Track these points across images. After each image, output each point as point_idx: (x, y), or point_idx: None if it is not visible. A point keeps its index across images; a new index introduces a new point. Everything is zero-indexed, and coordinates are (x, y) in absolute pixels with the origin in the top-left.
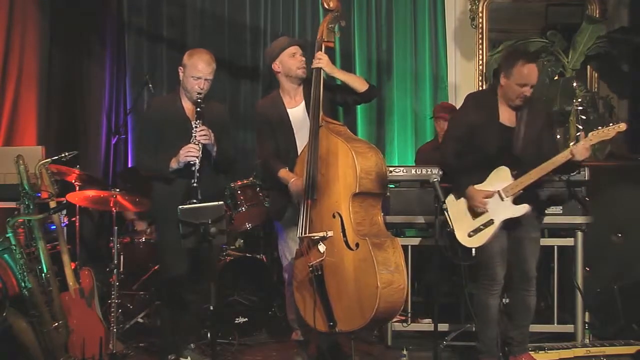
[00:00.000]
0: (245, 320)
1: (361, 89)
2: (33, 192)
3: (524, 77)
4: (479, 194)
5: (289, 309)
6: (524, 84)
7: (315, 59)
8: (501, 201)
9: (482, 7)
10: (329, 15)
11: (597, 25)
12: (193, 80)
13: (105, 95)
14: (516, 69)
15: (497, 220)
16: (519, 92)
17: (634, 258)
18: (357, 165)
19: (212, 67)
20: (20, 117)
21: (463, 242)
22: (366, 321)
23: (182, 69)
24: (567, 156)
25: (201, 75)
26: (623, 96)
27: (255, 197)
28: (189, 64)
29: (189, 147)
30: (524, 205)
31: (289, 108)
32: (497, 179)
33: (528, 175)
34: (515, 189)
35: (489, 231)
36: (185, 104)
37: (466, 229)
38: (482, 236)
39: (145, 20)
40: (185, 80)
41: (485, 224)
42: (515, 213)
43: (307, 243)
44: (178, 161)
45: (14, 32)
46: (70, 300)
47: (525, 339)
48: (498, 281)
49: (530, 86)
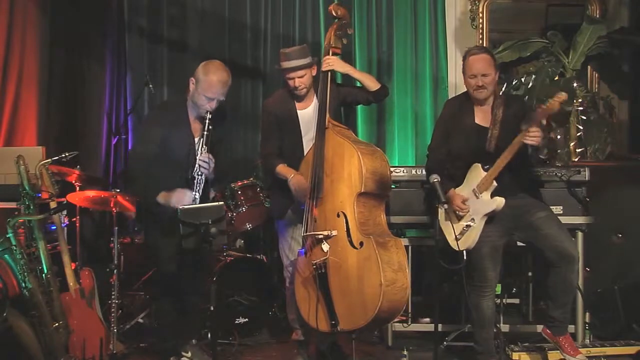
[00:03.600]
0: (245, 321)
1: (374, 87)
2: (33, 193)
3: (471, 69)
4: (456, 197)
5: (290, 309)
6: (473, 74)
7: (324, 62)
8: (477, 199)
9: (483, 8)
10: (337, 23)
11: (597, 25)
12: (205, 99)
13: (105, 96)
14: (465, 64)
15: (477, 218)
16: (472, 84)
17: (634, 258)
18: (362, 165)
19: (227, 86)
20: (21, 117)
21: (453, 246)
22: (368, 320)
23: (194, 82)
24: (520, 140)
25: (215, 97)
26: (623, 96)
27: (255, 197)
28: (203, 80)
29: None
30: (496, 199)
31: (299, 109)
32: (471, 177)
33: (494, 166)
34: (486, 183)
35: (473, 232)
36: (191, 117)
37: (453, 233)
38: (468, 238)
39: (146, 20)
40: (197, 96)
41: (467, 225)
42: (490, 207)
43: (310, 241)
44: (166, 201)
45: (14, 32)
46: (71, 301)
47: (567, 318)
48: (489, 283)
49: (480, 76)
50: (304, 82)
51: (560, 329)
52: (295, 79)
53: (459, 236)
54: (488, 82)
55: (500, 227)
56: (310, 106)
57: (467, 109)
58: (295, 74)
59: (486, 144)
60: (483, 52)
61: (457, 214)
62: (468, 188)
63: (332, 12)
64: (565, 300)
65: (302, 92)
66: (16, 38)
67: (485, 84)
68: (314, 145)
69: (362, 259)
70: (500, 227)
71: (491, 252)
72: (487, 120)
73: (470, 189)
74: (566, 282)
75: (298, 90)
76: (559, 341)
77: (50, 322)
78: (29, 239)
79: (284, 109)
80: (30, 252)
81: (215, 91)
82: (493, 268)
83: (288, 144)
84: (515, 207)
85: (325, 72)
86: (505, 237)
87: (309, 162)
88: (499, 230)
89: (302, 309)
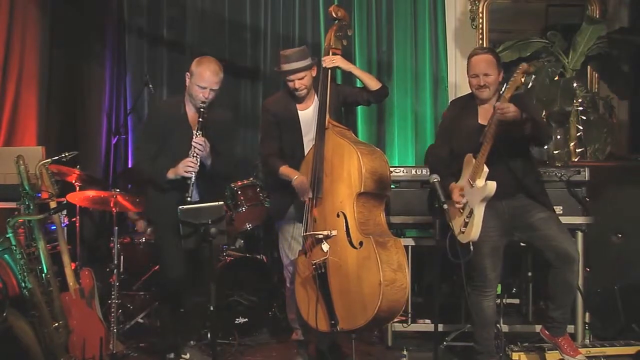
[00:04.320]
0: (245, 321)
1: (374, 86)
2: (33, 193)
3: (473, 68)
4: (455, 190)
5: (289, 309)
6: (475, 74)
7: (327, 60)
8: (471, 188)
9: (483, 8)
10: (337, 24)
11: (597, 25)
12: (198, 89)
13: (105, 96)
14: (468, 63)
15: (475, 207)
16: (474, 84)
17: (634, 258)
18: (362, 165)
19: (219, 77)
20: (21, 117)
21: (460, 240)
22: (368, 320)
23: (189, 75)
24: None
25: (207, 85)
26: (623, 96)
27: (255, 197)
28: (196, 71)
29: (187, 161)
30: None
31: (300, 109)
32: (466, 169)
33: (481, 150)
34: (477, 169)
35: (474, 221)
36: (189, 110)
37: (458, 226)
38: (471, 228)
39: (146, 20)
40: (191, 87)
41: (468, 216)
42: (484, 192)
43: (310, 241)
44: (176, 173)
45: (14, 32)
46: (71, 301)
47: (566, 319)
48: (490, 282)
49: (482, 75)
50: (304, 83)
51: (559, 329)
52: (296, 81)
53: (463, 229)
54: (490, 81)
55: (500, 227)
56: (310, 107)
57: (470, 109)
58: (295, 76)
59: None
60: (486, 53)
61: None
62: (463, 180)
63: (332, 13)
64: (565, 301)
65: (302, 93)
66: (16, 38)
67: (487, 84)
68: (314, 145)
69: (362, 259)
70: (500, 227)
71: (491, 252)
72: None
73: (465, 180)
74: (566, 283)
75: (298, 92)
76: (558, 342)
77: (50, 322)
78: (28, 239)
79: (285, 109)
80: (30, 252)
81: (207, 79)
82: (493, 268)
83: (288, 144)
84: (515, 207)
85: (325, 73)
86: (505, 237)
87: (309, 162)
88: (499, 230)
89: (301, 308)
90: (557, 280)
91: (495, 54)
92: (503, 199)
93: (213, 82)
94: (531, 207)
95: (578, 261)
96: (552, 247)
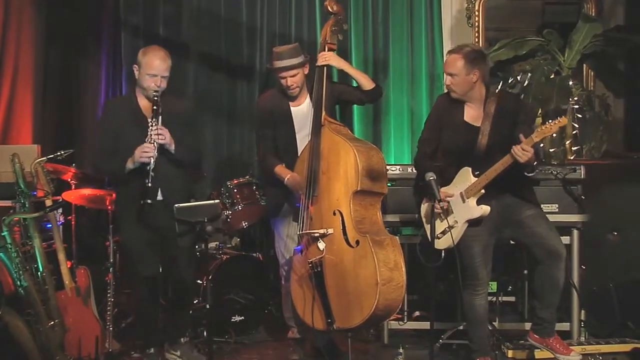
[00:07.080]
0: (241, 319)
1: (368, 86)
2: (29, 191)
3: (444, 68)
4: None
5: (286, 307)
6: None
7: (320, 58)
8: (462, 203)
9: (479, 6)
10: (332, 18)
11: (593, 23)
12: (149, 78)
13: (101, 94)
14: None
15: (460, 221)
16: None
17: (630, 256)
18: (358, 163)
19: (167, 63)
20: (16, 115)
21: (436, 245)
22: (364, 318)
23: (137, 67)
24: (509, 161)
25: (157, 73)
26: (619, 94)
27: (251, 195)
28: (143, 61)
29: (144, 146)
30: (482, 206)
31: (292, 106)
32: (460, 180)
33: (484, 175)
34: (475, 189)
35: (454, 233)
36: (142, 102)
37: (436, 231)
38: (448, 238)
39: (142, 18)
40: (141, 79)
41: (450, 226)
42: (476, 214)
43: (306, 240)
44: (134, 161)
45: (9, 30)
46: (66, 299)
47: (555, 318)
48: (481, 281)
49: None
50: (296, 81)
51: (548, 330)
52: (287, 79)
53: (440, 235)
54: (454, 82)
55: (489, 226)
56: (303, 103)
57: (457, 106)
58: (287, 73)
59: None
60: (454, 52)
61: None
62: (455, 190)
63: (327, 7)
64: (552, 300)
65: (294, 91)
66: (11, 36)
67: (452, 84)
68: (310, 142)
69: (358, 257)
70: (489, 225)
71: (482, 251)
72: (476, 118)
73: (458, 191)
74: (553, 280)
75: (290, 89)
76: (549, 343)
77: (46, 320)
78: (24, 237)
79: (277, 105)
80: (26, 251)
81: (156, 67)
82: (484, 267)
83: (282, 140)
84: (504, 206)
85: (320, 69)
86: (494, 235)
87: (305, 159)
88: (488, 229)
89: (298, 307)
90: (543, 277)
91: (465, 54)
92: (492, 199)
93: (162, 69)
94: (519, 205)
95: (565, 258)
96: (540, 244)
